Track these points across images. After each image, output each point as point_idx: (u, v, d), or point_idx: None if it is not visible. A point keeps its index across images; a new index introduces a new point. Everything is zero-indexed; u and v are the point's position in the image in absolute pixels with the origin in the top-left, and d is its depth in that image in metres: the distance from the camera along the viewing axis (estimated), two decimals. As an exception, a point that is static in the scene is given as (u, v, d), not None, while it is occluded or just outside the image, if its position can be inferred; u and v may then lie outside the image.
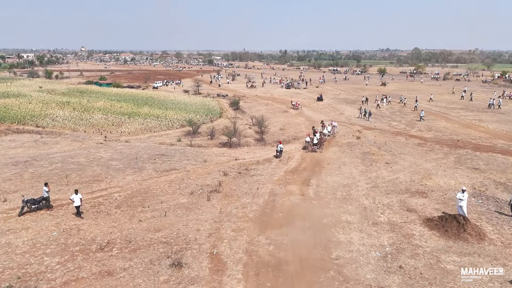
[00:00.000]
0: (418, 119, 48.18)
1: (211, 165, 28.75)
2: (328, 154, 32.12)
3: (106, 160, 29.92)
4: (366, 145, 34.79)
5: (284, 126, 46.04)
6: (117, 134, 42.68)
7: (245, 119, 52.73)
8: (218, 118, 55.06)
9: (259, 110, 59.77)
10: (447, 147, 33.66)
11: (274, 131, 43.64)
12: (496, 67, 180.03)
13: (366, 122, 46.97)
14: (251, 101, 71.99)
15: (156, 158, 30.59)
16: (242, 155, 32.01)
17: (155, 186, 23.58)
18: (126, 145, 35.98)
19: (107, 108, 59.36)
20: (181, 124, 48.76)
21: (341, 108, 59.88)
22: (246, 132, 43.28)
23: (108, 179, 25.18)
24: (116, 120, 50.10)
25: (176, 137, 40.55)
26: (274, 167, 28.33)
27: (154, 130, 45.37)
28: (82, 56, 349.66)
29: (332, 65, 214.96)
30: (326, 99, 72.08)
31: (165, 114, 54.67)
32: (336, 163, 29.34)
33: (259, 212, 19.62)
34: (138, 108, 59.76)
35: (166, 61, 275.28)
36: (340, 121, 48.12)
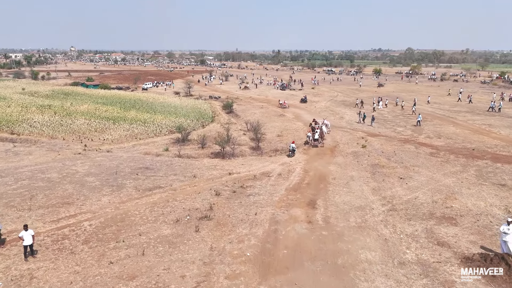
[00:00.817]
0: (415, 124, 45.17)
1: (202, 181, 25.15)
2: (333, 166, 28.68)
3: (81, 176, 26.19)
4: (374, 155, 31.42)
5: (282, 132, 42.57)
6: (99, 142, 38.86)
7: (239, 124, 49.16)
8: (210, 123, 51.43)
9: (254, 114, 56.33)
10: (463, 158, 30.42)
11: (271, 137, 40.15)
12: (490, 67, 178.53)
13: (369, 127, 43.67)
14: (245, 103, 68.43)
15: (139, 172, 26.92)
16: (236, 168, 28.45)
17: (134, 211, 19.93)
18: (107, 156, 32.24)
19: (91, 112, 55.40)
20: (170, 130, 45.05)
21: (340, 111, 56.56)
22: (240, 139, 39.71)
23: (79, 201, 21.47)
24: (100, 126, 46.23)
25: (163, 146, 36.85)
26: (274, 183, 24.82)
27: (140, 137, 41.59)
28: (72, 56, 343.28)
29: (326, 65, 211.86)
30: (324, 101, 68.81)
31: (153, 118, 50.91)
32: (343, 177, 25.92)
33: (259, 248, 16.08)
34: (124, 112, 55.88)
35: (157, 61, 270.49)
36: (341, 126, 44.83)
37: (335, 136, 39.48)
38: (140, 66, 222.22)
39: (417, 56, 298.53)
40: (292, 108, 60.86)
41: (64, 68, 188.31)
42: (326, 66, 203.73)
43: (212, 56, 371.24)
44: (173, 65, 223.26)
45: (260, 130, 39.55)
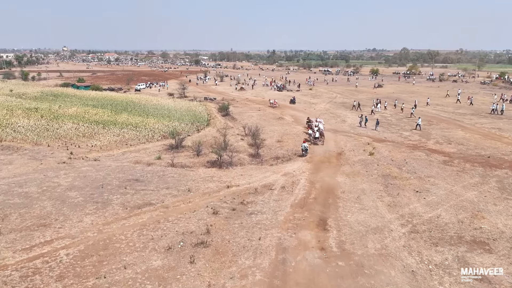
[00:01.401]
0: (414, 127, 43.04)
1: (197, 196, 22.63)
2: (341, 177, 26.30)
3: (63, 190, 23.57)
4: (383, 164, 29.07)
5: (282, 137, 40.11)
6: (86, 149, 36.16)
7: (236, 128, 46.68)
8: (206, 127, 48.86)
9: (251, 117, 53.87)
10: (479, 167, 28.17)
11: (271, 143, 37.69)
12: (487, 68, 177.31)
13: (374, 132, 41.34)
14: (242, 105, 65.93)
15: (127, 185, 24.35)
16: (235, 180, 25.96)
17: (120, 236, 17.40)
18: (94, 166, 29.59)
19: (79, 115, 52.61)
20: (163, 135, 42.43)
21: (341, 114, 54.23)
22: (238, 145, 37.24)
23: (58, 222, 18.90)
24: (88, 131, 43.51)
25: (155, 153, 34.27)
26: (277, 198, 22.37)
27: (130, 143, 38.93)
28: (64, 56, 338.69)
29: (322, 65, 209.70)
30: (323, 103, 66.52)
31: (145, 122, 48.24)
32: (353, 190, 23.54)
33: (266, 285, 13.63)
34: (115, 115, 53.13)
35: (151, 61, 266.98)
36: (344, 130, 42.49)
37: (339, 141, 37.14)
38: (133, 66, 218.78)
39: (412, 56, 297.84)
40: (289, 109, 58.50)
41: (56, 68, 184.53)
42: (322, 66, 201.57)
43: (207, 56, 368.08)
44: (167, 65, 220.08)
45: (259, 135, 37.18)
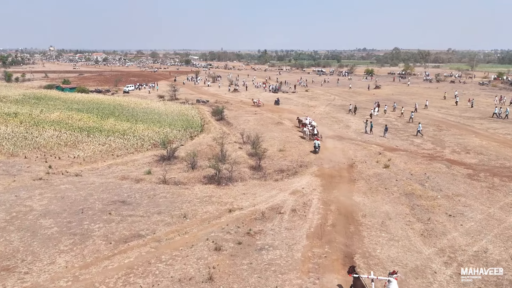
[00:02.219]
0: (415, 134, 40.21)
1: (195, 224, 19.17)
2: (358, 196, 23.07)
3: (36, 217, 19.93)
4: (402, 179, 25.93)
5: (284, 145, 36.76)
6: (67, 161, 32.44)
7: (233, 135, 43.29)
8: (200, 133, 45.36)
9: (248, 122, 50.50)
10: (510, 182, 25.21)
11: (272, 153, 34.37)
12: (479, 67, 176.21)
13: (382, 139, 38.26)
14: (236, 108, 62.50)
15: (112, 210, 20.79)
16: (237, 201, 22.54)
17: (101, 286, 13.89)
18: (74, 183, 25.94)
19: (62, 121, 48.67)
20: (153, 144, 38.83)
21: (344, 118, 51.12)
22: (237, 155, 33.86)
23: (25, 264, 15.33)
24: (71, 139, 39.69)
25: (145, 166, 30.73)
26: (289, 225, 19.03)
27: (117, 153, 35.24)
28: (51, 56, 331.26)
29: (314, 65, 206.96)
30: (322, 106, 63.45)
31: (134, 128, 44.55)
32: (375, 214, 20.30)
33: None
34: (101, 120, 49.30)
35: (140, 62, 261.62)
36: (350, 138, 39.35)
37: (347, 150, 33.95)
38: (122, 66, 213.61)
39: (403, 56, 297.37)
40: (287, 113, 55.22)
41: (41, 69, 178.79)
42: (314, 66, 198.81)
43: (197, 55, 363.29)
44: (156, 65, 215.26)
45: (259, 144, 33.85)
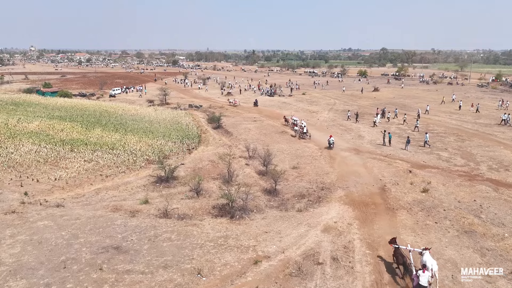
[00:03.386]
0: (422, 145, 36.64)
1: (214, 286, 14.77)
2: (406, 233, 18.98)
3: (3, 277, 15.26)
4: (450, 208, 21.94)
5: (297, 161, 32.51)
6: (47, 184, 27.63)
7: (235, 146, 39.00)
8: (198, 145, 40.89)
9: (248, 130, 46.18)
10: None
11: (285, 171, 30.11)
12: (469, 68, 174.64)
13: (406, 153, 34.28)
14: (233, 114, 58.10)
15: (104, 262, 16.26)
16: (260, 244, 18.16)
17: None
18: (55, 217, 21.24)
19: (43, 132, 43.54)
20: (147, 159, 34.22)
21: (353, 126, 47.13)
22: (244, 173, 29.58)
23: None
24: (52, 155, 34.75)
25: (140, 190, 26.21)
26: (336, 285, 14.80)
27: (106, 173, 30.48)
28: (32, 56, 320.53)
29: (303, 66, 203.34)
30: (324, 111, 59.48)
31: (124, 141, 39.76)
32: (438, 263, 16.13)
33: None
34: (86, 131, 44.31)
35: (126, 62, 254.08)
36: (368, 150, 35.37)
37: (371, 168, 29.86)
38: (106, 67, 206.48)
39: (390, 56, 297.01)
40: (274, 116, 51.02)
41: (22, 70, 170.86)
42: (303, 67, 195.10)
43: (183, 55, 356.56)
44: (143, 66, 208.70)
45: (271, 161, 29.66)
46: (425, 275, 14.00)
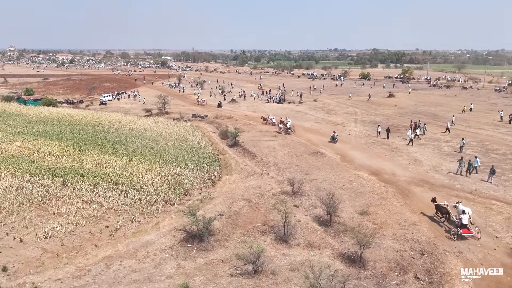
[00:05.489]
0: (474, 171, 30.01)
1: None
2: None
3: None
4: None
5: (360, 202, 25.17)
6: (36, 246, 19.87)
7: (266, 173, 31.74)
8: (221, 173, 33.32)
9: (274, 150, 38.83)
10: None
11: (352, 218, 22.93)
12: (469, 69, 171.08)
13: (496, 188, 27.06)
14: (246, 127, 50.50)
15: None
16: None
17: None
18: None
19: (27, 155, 35.43)
20: (165, 200, 26.52)
21: (400, 146, 39.89)
22: (300, 224, 22.20)
23: None
24: (39, 193, 26.85)
25: (168, 260, 18.66)
26: None
27: (114, 225, 22.66)
28: (11, 56, 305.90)
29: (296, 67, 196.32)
30: (350, 123, 52.44)
31: (130, 170, 31.91)
32: None
33: None
34: (80, 153, 36.37)
35: (112, 63, 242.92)
36: (443, 184, 28.24)
37: (482, 224, 22.62)
38: (92, 69, 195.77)
39: (380, 57, 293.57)
40: (309, 134, 43.80)
41: (0, 72, 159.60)
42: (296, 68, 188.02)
43: (169, 56, 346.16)
44: (130, 67, 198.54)
45: (337, 206, 22.40)
46: (465, 216, 20.25)
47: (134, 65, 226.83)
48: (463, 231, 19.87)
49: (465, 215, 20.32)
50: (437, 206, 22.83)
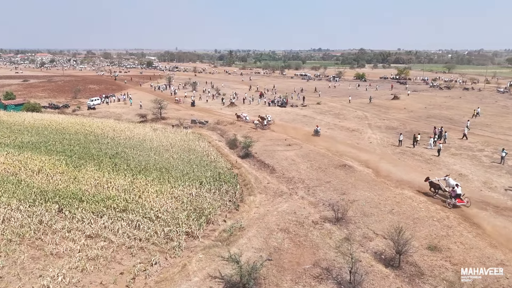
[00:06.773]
0: None
1: None
2: None
3: None
4: None
5: (423, 232, 21.27)
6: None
7: (294, 192, 27.50)
8: (242, 193, 28.88)
9: (293, 163, 34.77)
10: None
11: (419, 257, 18.88)
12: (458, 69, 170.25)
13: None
14: (252, 133, 46.19)
15: None
16: None
17: None
18: None
19: (12, 173, 30.27)
20: (187, 232, 21.96)
21: (431, 155, 36.26)
22: (361, 264, 18.06)
23: None
24: (31, 225, 21.93)
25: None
26: None
27: (129, 267, 18.10)
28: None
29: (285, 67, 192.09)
30: (368, 129, 48.62)
31: (137, 192, 27.15)
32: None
33: None
34: (74, 170, 31.33)
35: (94, 64, 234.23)
36: (506, 205, 24.55)
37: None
38: (73, 70, 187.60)
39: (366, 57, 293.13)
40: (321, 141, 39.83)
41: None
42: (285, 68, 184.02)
43: (153, 55, 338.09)
44: (115, 68, 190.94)
45: (407, 245, 18.27)
46: (459, 188, 24.13)
47: (118, 65, 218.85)
48: (458, 201, 23.57)
49: (458, 187, 24.12)
50: (431, 183, 26.47)
